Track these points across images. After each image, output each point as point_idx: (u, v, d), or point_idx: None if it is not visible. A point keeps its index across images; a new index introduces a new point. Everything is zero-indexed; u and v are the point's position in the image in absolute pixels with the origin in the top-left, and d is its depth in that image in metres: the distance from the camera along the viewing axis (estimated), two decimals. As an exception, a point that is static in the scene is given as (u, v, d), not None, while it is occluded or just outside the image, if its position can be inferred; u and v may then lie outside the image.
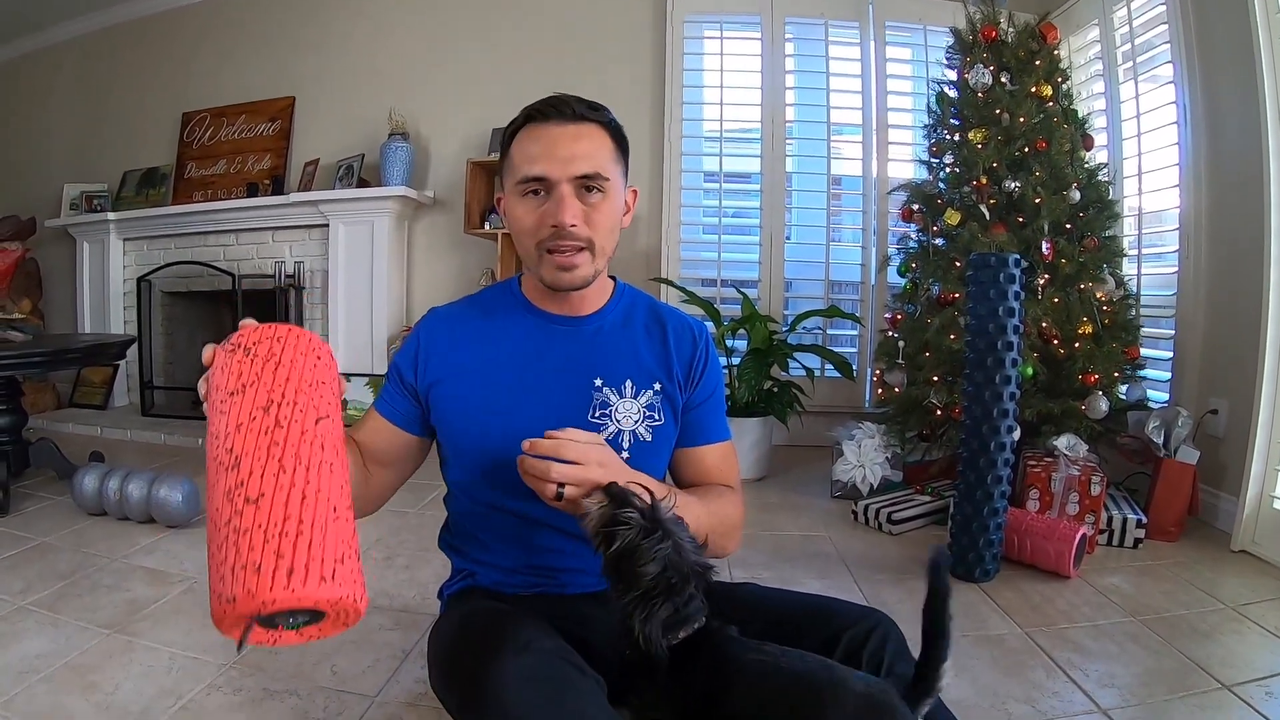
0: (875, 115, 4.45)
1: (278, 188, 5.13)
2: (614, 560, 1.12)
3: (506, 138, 1.36)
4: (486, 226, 4.61)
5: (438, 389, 1.41)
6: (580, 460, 1.17)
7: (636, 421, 1.42)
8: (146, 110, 5.67)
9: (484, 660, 1.08)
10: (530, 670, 1.06)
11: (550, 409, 1.37)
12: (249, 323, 1.04)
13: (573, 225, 1.28)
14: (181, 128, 5.55)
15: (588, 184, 1.29)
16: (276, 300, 4.92)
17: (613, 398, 1.40)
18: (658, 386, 1.44)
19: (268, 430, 0.99)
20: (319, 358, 1.09)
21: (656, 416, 1.44)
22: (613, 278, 1.49)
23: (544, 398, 1.38)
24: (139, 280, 5.21)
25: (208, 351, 1.01)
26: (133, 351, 4.60)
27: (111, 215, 5.41)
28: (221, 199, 5.23)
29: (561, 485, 1.15)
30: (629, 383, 1.42)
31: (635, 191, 1.46)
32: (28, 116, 6.00)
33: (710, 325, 3.64)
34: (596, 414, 1.40)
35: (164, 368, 5.44)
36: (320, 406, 1.07)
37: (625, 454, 1.41)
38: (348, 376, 4.80)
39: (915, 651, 1.30)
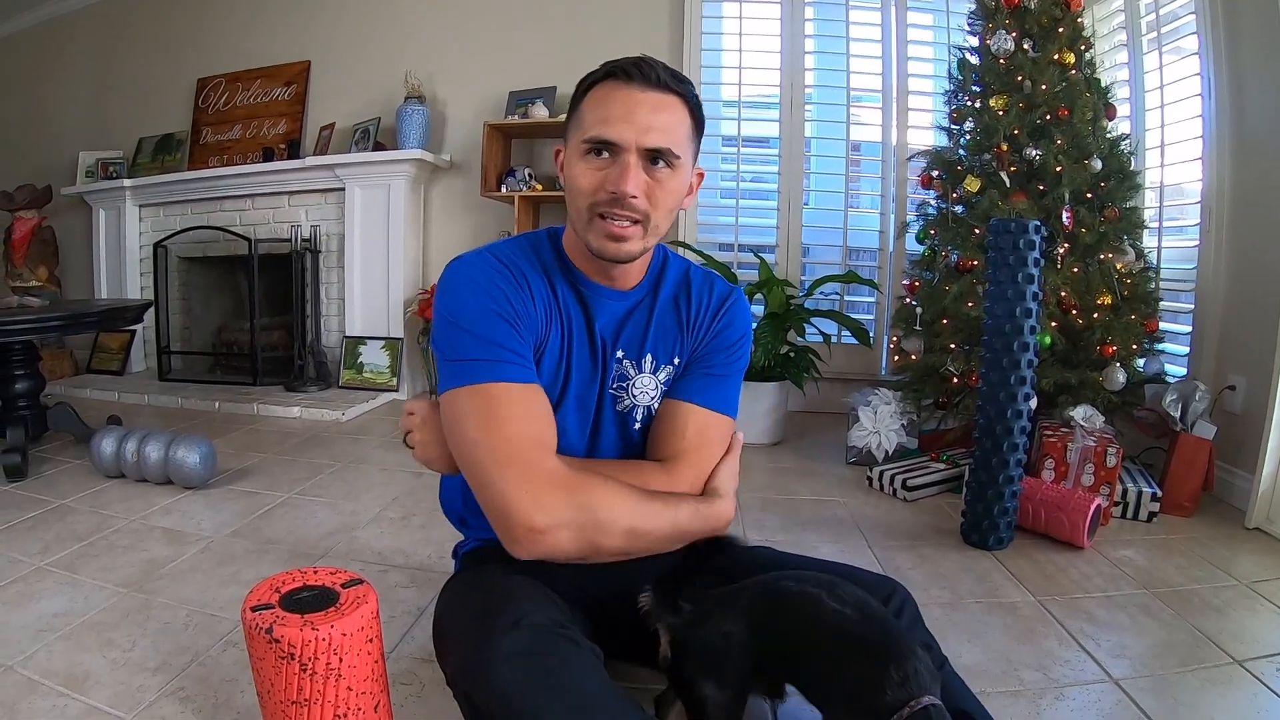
0: (895, 81, 4.39)
1: (293, 152, 5.12)
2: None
3: (579, 91, 1.27)
4: (503, 189, 4.61)
5: (544, 357, 1.33)
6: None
7: (652, 397, 1.41)
8: (161, 76, 5.67)
9: (476, 636, 1.09)
10: (521, 647, 1.06)
11: (575, 377, 1.37)
12: (288, 626, 1.08)
13: (634, 197, 1.20)
14: (196, 93, 5.55)
15: (656, 157, 1.21)
16: (292, 264, 4.93)
17: (632, 371, 1.39)
18: (677, 362, 1.42)
19: None
20: (370, 640, 1.21)
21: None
22: None
23: (574, 365, 1.36)
24: (155, 246, 5.22)
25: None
26: (149, 316, 4.64)
27: (127, 182, 5.44)
28: (237, 164, 5.24)
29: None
30: (650, 358, 1.40)
31: (701, 174, 1.38)
32: (43, 85, 6.00)
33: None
34: (614, 385, 1.39)
35: (181, 333, 5.48)
36: (376, 691, 1.22)
37: (638, 425, 1.41)
38: (363, 340, 4.82)
39: (930, 620, 1.31)
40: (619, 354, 1.38)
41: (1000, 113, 3.19)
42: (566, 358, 1.35)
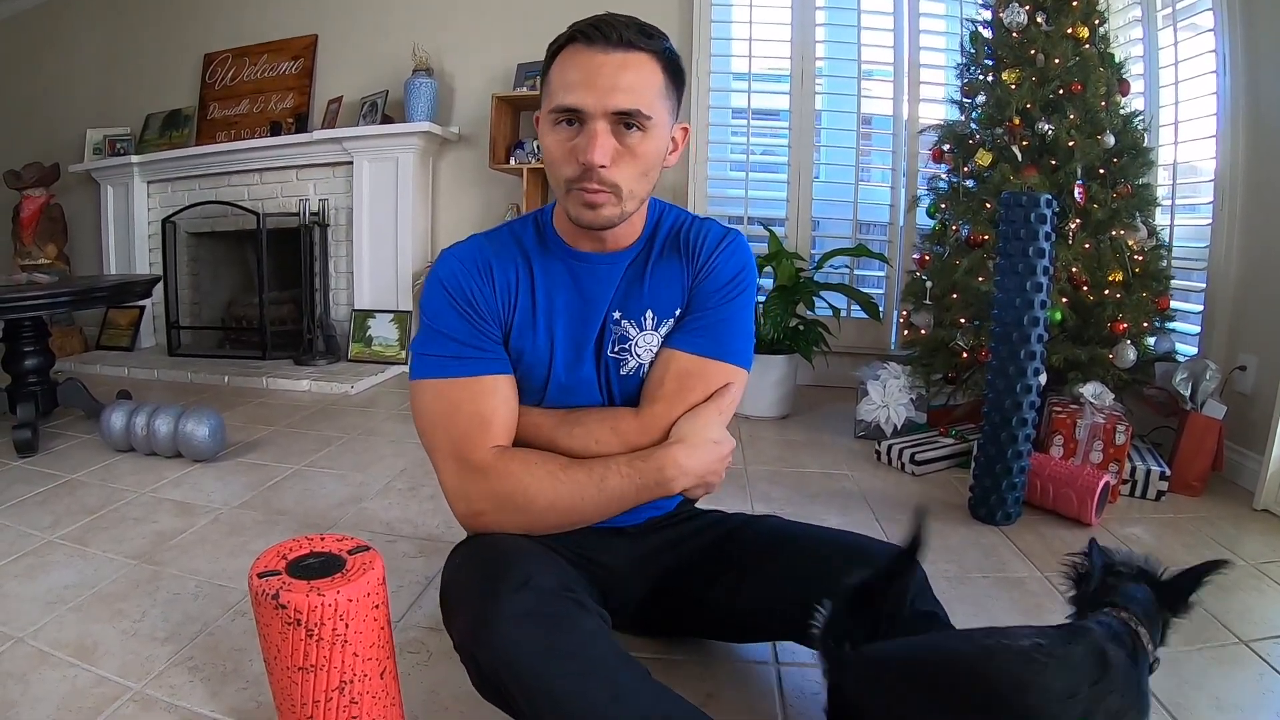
0: (907, 54, 4.35)
1: (301, 126, 5.12)
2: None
3: (549, 55, 1.23)
4: (512, 162, 4.61)
5: (512, 332, 1.34)
6: None
7: (656, 354, 1.39)
8: (168, 52, 5.66)
9: (482, 598, 1.09)
10: (526, 609, 1.06)
11: (578, 346, 1.36)
12: (294, 592, 1.10)
13: (602, 166, 1.16)
14: (203, 69, 5.54)
15: (627, 120, 1.17)
16: (301, 238, 4.94)
17: (632, 330, 1.36)
18: (679, 313, 1.39)
19: (345, 707, 1.16)
20: (376, 605, 1.21)
21: None
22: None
23: (575, 336, 1.35)
24: (163, 222, 5.22)
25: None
26: (158, 292, 4.65)
27: (135, 158, 5.43)
28: (245, 139, 5.22)
29: None
30: (649, 313, 1.37)
31: (685, 129, 1.33)
32: (50, 62, 5.98)
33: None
34: (616, 348, 1.36)
35: (190, 308, 5.49)
36: (382, 657, 1.22)
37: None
38: (372, 313, 4.83)
39: (937, 593, 1.31)
40: (616, 315, 1.36)
41: (1013, 86, 3.16)
42: (550, 334, 1.34)
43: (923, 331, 3.44)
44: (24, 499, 2.50)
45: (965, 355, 3.18)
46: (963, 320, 3.20)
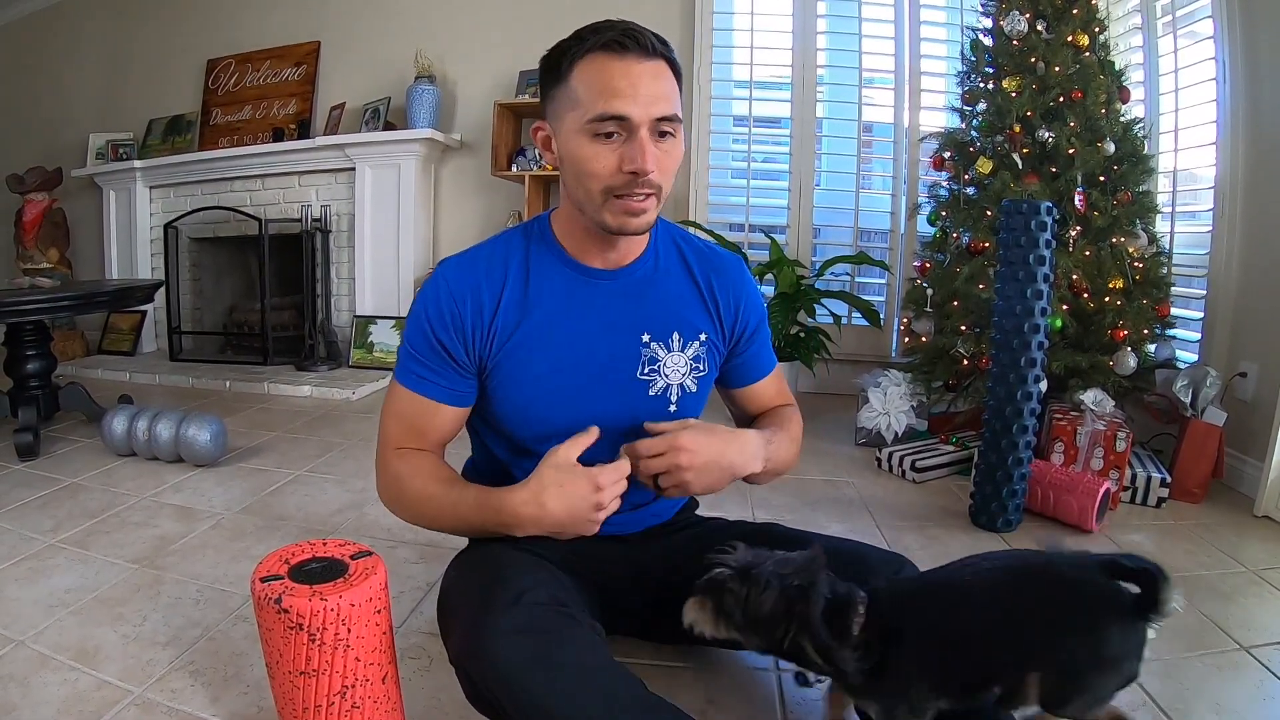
0: (908, 62, 4.36)
1: (304, 132, 5.13)
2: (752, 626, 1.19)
3: (565, 64, 1.20)
4: (514, 169, 4.62)
5: (496, 358, 1.33)
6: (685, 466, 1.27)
7: (684, 374, 1.41)
8: (171, 58, 5.68)
9: (475, 612, 1.10)
10: (520, 624, 1.07)
11: (601, 368, 1.36)
12: (297, 596, 1.12)
13: (651, 173, 1.18)
14: (206, 75, 5.56)
15: (662, 127, 1.19)
16: (303, 244, 4.95)
17: (661, 352, 1.38)
18: (703, 338, 1.42)
19: (347, 713, 1.17)
20: (378, 610, 1.21)
21: (702, 367, 1.43)
22: None
23: (594, 357, 1.35)
24: (166, 227, 5.23)
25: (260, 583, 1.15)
26: (160, 297, 4.64)
27: (138, 163, 5.45)
28: (247, 144, 5.24)
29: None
30: (676, 335, 1.39)
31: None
32: (53, 68, 6.01)
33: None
34: (645, 370, 1.38)
35: (191, 313, 5.50)
36: (384, 662, 1.23)
37: (673, 406, 1.41)
38: (374, 319, 4.84)
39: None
40: (644, 337, 1.37)
41: (1013, 94, 3.15)
42: (548, 352, 1.34)
43: (923, 339, 3.44)
44: (25, 503, 2.51)
45: (966, 362, 3.18)
46: (964, 327, 3.20)
